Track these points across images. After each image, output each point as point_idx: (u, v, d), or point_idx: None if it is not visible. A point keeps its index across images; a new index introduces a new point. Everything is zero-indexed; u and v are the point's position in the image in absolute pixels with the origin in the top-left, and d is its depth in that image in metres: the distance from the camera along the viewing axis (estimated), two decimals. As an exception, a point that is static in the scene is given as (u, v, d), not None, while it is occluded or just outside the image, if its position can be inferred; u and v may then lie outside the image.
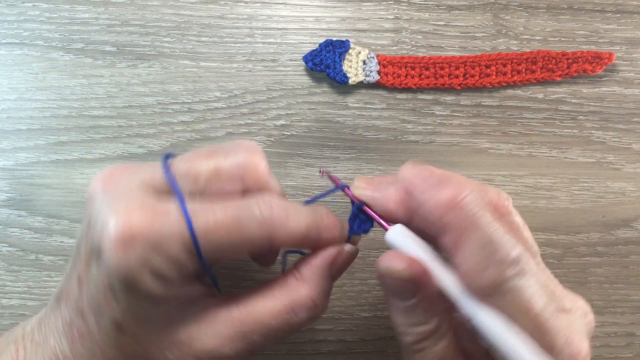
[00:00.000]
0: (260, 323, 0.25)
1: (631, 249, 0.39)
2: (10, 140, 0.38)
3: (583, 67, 0.38)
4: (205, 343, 0.25)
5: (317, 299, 0.26)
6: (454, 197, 0.23)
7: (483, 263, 0.23)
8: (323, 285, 0.27)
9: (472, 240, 0.23)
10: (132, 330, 0.24)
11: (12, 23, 0.38)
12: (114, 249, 0.22)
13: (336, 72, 0.37)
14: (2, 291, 0.37)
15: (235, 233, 0.23)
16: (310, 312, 0.26)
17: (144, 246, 0.22)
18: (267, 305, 0.25)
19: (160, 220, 0.22)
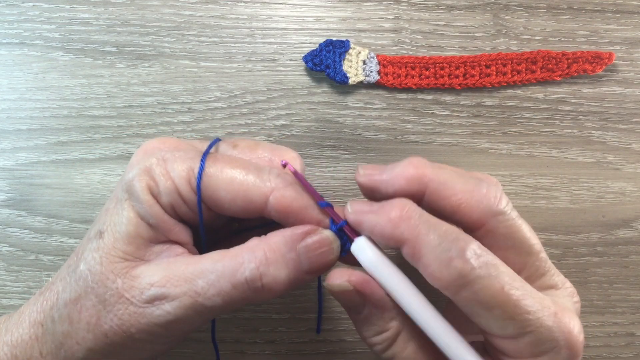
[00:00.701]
0: (205, 272, 0.25)
1: (631, 249, 0.39)
2: (10, 140, 0.38)
3: (583, 67, 0.38)
4: (152, 278, 0.25)
5: (263, 268, 0.25)
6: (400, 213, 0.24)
7: (445, 259, 0.23)
8: (277, 257, 0.25)
9: (428, 242, 0.24)
10: (108, 241, 0.25)
11: (12, 23, 0.38)
12: (134, 159, 0.27)
13: (336, 72, 0.37)
14: (2, 291, 0.37)
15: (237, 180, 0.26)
16: (254, 281, 0.25)
17: (158, 157, 0.26)
18: (216, 259, 0.25)
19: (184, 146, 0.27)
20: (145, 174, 0.25)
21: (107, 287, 0.25)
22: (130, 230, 0.25)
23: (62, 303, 0.26)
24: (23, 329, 0.27)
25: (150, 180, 0.25)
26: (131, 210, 0.25)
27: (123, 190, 0.26)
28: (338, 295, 0.26)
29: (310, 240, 0.26)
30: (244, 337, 0.37)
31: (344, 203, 0.37)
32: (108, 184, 0.37)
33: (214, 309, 0.25)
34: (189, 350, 0.37)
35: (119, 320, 0.25)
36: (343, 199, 0.38)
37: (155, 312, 0.24)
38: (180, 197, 0.26)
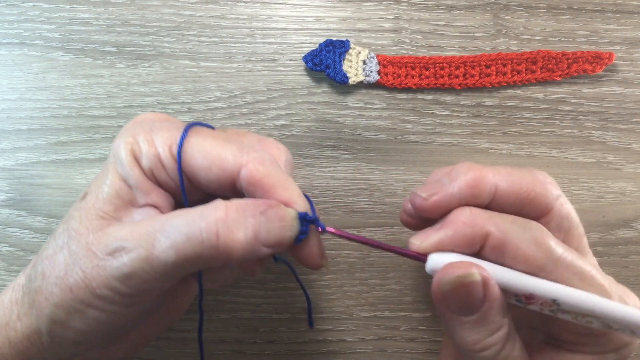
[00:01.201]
0: (164, 226, 0.24)
1: (631, 249, 0.39)
2: (10, 140, 0.38)
3: (583, 67, 0.38)
4: (119, 233, 0.25)
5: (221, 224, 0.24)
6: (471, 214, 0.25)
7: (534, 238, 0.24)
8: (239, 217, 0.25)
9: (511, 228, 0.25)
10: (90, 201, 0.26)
11: (12, 23, 0.38)
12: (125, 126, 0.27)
13: (336, 72, 0.37)
14: (2, 291, 0.37)
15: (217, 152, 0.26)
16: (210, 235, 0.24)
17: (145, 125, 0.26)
18: (177, 214, 0.25)
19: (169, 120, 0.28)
20: (131, 138, 0.26)
21: (79, 241, 0.25)
22: (111, 191, 0.26)
23: (39, 260, 0.26)
24: (5, 294, 0.27)
25: (135, 145, 0.26)
26: (114, 173, 0.26)
27: (110, 155, 0.27)
28: (458, 292, 0.24)
29: (273, 211, 0.25)
30: (244, 337, 0.37)
31: (344, 203, 0.38)
32: (108, 184, 0.37)
33: (168, 265, 0.24)
34: (189, 350, 0.37)
35: (82, 273, 0.24)
36: (343, 199, 0.38)
37: (114, 263, 0.24)
38: (160, 162, 0.26)
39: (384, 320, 0.38)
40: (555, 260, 0.24)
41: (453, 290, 0.24)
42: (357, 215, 0.38)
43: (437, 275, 0.24)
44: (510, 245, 0.24)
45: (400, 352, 0.38)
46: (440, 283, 0.24)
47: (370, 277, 0.38)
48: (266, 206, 0.25)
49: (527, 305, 0.24)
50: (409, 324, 0.38)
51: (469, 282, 0.23)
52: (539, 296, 0.24)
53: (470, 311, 0.24)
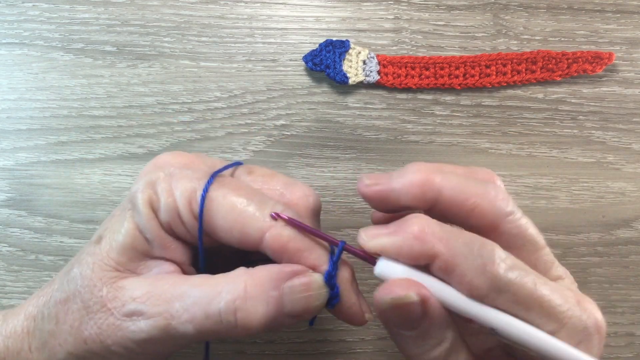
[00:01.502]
0: (183, 295, 0.24)
1: (631, 249, 0.39)
2: (10, 140, 0.38)
3: (583, 67, 0.38)
4: (135, 292, 0.24)
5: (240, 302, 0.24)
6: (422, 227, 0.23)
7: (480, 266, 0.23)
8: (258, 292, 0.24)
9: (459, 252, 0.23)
10: (104, 248, 0.25)
11: (12, 23, 0.38)
12: (144, 170, 0.26)
13: (336, 72, 0.37)
14: (2, 291, 0.37)
15: (238, 213, 0.24)
16: (228, 315, 0.23)
17: (165, 173, 0.25)
18: (196, 283, 0.24)
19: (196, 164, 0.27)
20: (149, 187, 0.25)
21: (93, 293, 0.25)
22: (127, 241, 0.25)
23: (52, 302, 0.26)
24: (18, 321, 0.27)
25: (153, 194, 0.25)
26: (131, 221, 0.25)
27: (128, 200, 0.26)
28: (396, 310, 0.23)
29: (297, 281, 0.24)
30: (244, 337, 0.37)
31: (345, 203, 0.38)
32: (108, 184, 0.37)
33: (186, 336, 0.24)
34: (189, 350, 0.37)
35: (98, 329, 0.24)
36: (343, 199, 0.38)
37: (131, 327, 0.24)
38: (179, 217, 0.25)
39: (384, 320, 0.38)
40: (499, 289, 0.23)
41: (391, 309, 0.23)
42: (357, 215, 0.38)
43: (376, 293, 0.24)
44: (457, 270, 0.23)
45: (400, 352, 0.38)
46: (379, 302, 0.24)
47: (370, 277, 0.38)
48: (291, 274, 0.24)
49: (468, 322, 0.24)
50: (409, 324, 0.38)
51: (405, 303, 0.23)
52: (478, 323, 0.23)
53: (410, 327, 0.24)
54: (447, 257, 0.23)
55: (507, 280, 0.23)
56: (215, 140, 0.38)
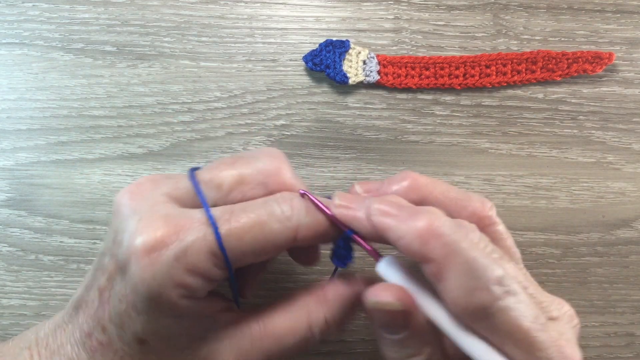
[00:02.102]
0: (279, 339, 0.25)
1: (631, 249, 0.39)
2: (10, 140, 0.38)
3: (583, 67, 0.38)
4: (225, 358, 0.25)
5: (332, 322, 0.26)
6: (430, 226, 0.23)
7: (468, 288, 0.22)
8: (341, 312, 0.26)
9: (455, 267, 0.22)
10: (155, 345, 0.24)
11: (12, 23, 0.38)
12: (140, 264, 0.22)
13: (336, 72, 0.37)
14: (2, 291, 0.37)
15: (260, 233, 0.24)
16: (323, 334, 0.26)
17: (170, 257, 0.22)
18: (286, 323, 0.26)
19: (185, 229, 0.23)
20: (171, 285, 0.23)
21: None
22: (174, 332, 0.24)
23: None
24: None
25: (179, 288, 0.23)
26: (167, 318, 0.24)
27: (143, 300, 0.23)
28: (379, 313, 0.24)
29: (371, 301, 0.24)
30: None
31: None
32: (108, 184, 0.37)
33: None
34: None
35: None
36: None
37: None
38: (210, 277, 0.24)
39: (384, 320, 0.38)
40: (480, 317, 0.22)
41: (376, 310, 0.24)
42: (357, 215, 0.38)
43: (365, 292, 0.24)
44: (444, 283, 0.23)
45: None
46: (365, 300, 0.24)
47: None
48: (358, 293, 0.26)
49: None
50: (409, 324, 0.38)
51: (388, 310, 0.23)
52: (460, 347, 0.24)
53: (391, 332, 0.24)
54: (439, 267, 0.22)
55: (495, 310, 0.22)
56: (215, 140, 0.38)
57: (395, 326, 0.24)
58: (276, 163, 0.26)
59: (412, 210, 0.24)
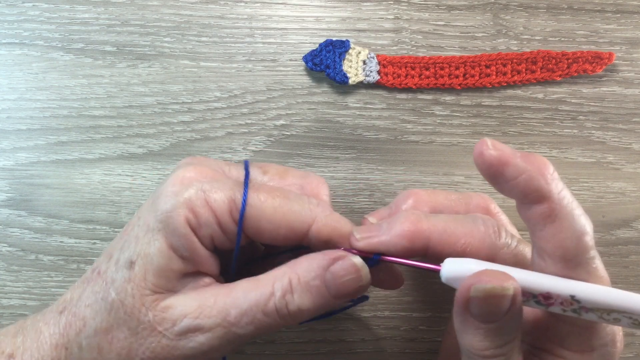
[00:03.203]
0: (237, 302, 0.25)
1: (631, 249, 0.39)
2: (10, 140, 0.38)
3: (583, 67, 0.38)
4: (185, 309, 0.25)
5: (298, 287, 0.25)
6: (548, 168, 0.24)
7: (578, 231, 0.24)
8: (302, 286, 0.26)
9: (567, 209, 0.24)
10: (138, 270, 0.25)
11: (12, 23, 0.38)
12: (171, 186, 0.26)
13: (336, 72, 0.37)
14: (2, 291, 0.37)
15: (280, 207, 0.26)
16: (288, 303, 0.25)
17: (197, 187, 0.25)
18: (247, 288, 0.26)
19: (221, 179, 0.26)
20: (184, 206, 0.25)
21: (140, 320, 0.25)
22: (162, 263, 0.25)
23: (91, 331, 0.25)
24: (44, 350, 0.26)
25: (190, 213, 0.25)
26: (164, 242, 0.25)
27: (157, 221, 0.25)
28: (487, 301, 0.23)
29: (337, 267, 0.26)
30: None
31: (344, 203, 0.38)
32: (108, 184, 0.37)
33: (246, 336, 0.25)
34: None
35: (151, 353, 0.25)
36: (343, 199, 0.38)
37: (189, 344, 0.25)
38: (220, 228, 0.26)
39: (384, 320, 0.38)
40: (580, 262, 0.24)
41: (483, 298, 0.23)
42: (357, 215, 0.38)
43: (468, 280, 0.23)
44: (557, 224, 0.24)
45: (400, 352, 0.38)
46: (472, 288, 0.23)
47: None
48: (331, 261, 0.26)
49: (548, 307, 0.24)
50: (409, 324, 0.38)
51: (502, 294, 0.23)
52: (556, 294, 0.24)
53: (492, 320, 0.24)
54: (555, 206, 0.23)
55: (591, 256, 0.24)
56: (215, 140, 0.38)
57: (500, 312, 0.23)
58: (320, 181, 0.29)
59: (525, 153, 0.25)
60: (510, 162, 0.24)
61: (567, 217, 0.24)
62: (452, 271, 0.25)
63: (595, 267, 0.24)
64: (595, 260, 0.24)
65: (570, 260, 0.24)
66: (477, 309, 0.23)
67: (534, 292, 0.24)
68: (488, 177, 0.25)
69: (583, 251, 0.24)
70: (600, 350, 0.26)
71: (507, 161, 0.24)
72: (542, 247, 0.24)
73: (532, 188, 0.24)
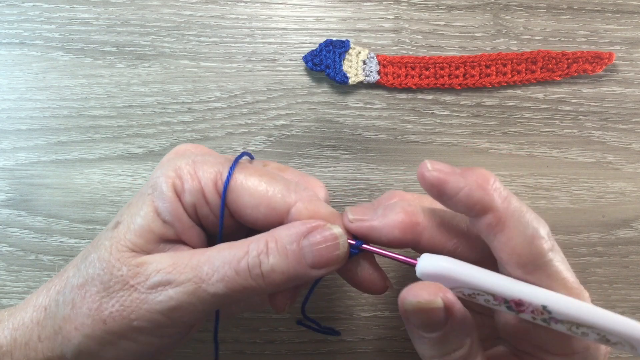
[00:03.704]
0: (210, 259, 0.25)
1: (631, 249, 0.39)
2: (10, 140, 0.38)
3: (583, 67, 0.38)
4: (159, 265, 0.25)
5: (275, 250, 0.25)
6: (489, 178, 0.24)
7: (529, 236, 0.23)
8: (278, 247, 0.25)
9: (514, 216, 0.24)
10: (121, 228, 0.26)
11: (12, 23, 0.38)
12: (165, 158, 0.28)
13: (336, 72, 0.37)
14: (2, 291, 0.37)
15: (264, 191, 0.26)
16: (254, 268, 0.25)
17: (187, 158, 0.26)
18: (222, 247, 0.26)
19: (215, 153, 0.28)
20: (173, 171, 0.26)
21: (113, 274, 0.25)
22: (144, 224, 0.26)
23: (68, 288, 0.26)
24: (26, 312, 0.27)
25: (177, 179, 0.26)
26: (150, 205, 0.26)
27: (148, 186, 0.26)
28: (419, 313, 0.24)
29: (316, 234, 0.25)
30: (244, 337, 0.37)
31: (344, 203, 0.38)
32: (108, 184, 0.37)
33: (217, 296, 0.25)
34: (188, 350, 0.37)
35: (120, 306, 0.25)
36: (343, 199, 0.38)
37: (158, 297, 0.24)
38: (204, 197, 0.26)
39: (384, 320, 0.38)
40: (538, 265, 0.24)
41: (415, 311, 0.24)
42: (357, 215, 0.38)
43: (402, 293, 0.24)
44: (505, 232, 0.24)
45: (400, 352, 0.38)
46: (403, 302, 0.24)
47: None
48: (310, 229, 0.26)
49: (519, 313, 0.24)
50: (409, 324, 0.38)
51: (430, 308, 0.23)
52: (528, 302, 0.24)
53: (431, 330, 0.24)
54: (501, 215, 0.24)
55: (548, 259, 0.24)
56: (215, 140, 0.38)
57: (436, 323, 0.24)
58: (319, 183, 0.29)
59: (465, 168, 0.25)
60: (449, 180, 0.24)
61: (515, 224, 0.24)
62: (427, 267, 0.25)
63: (556, 269, 0.24)
64: (554, 263, 0.24)
65: (526, 265, 0.24)
66: (414, 320, 0.24)
67: (506, 297, 0.24)
68: (433, 196, 0.25)
69: (538, 255, 0.24)
70: (583, 353, 0.25)
71: (445, 179, 0.24)
72: (499, 256, 0.24)
73: (473, 201, 0.24)
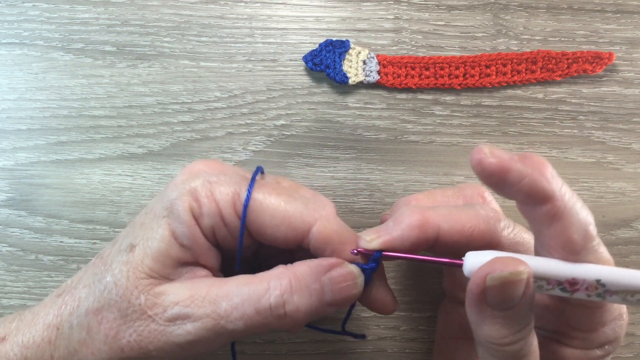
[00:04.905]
0: (229, 295, 0.25)
1: (631, 249, 0.39)
2: (10, 140, 0.38)
3: (583, 67, 0.38)
4: (177, 296, 0.25)
5: (297, 288, 0.25)
6: (547, 168, 0.24)
7: (584, 224, 0.24)
8: (302, 286, 0.25)
9: (571, 205, 0.24)
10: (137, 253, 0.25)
11: (12, 23, 0.38)
12: (179, 178, 0.27)
13: (336, 72, 0.37)
14: (2, 291, 0.37)
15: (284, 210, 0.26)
16: (277, 308, 0.25)
17: (203, 178, 0.26)
18: (241, 282, 0.25)
19: (229, 171, 0.27)
20: (189, 194, 0.26)
21: (131, 302, 0.25)
22: (162, 248, 0.25)
23: (83, 311, 0.25)
24: (36, 330, 0.26)
25: (194, 202, 0.26)
26: (167, 228, 0.25)
27: (163, 208, 0.26)
28: (503, 287, 0.23)
29: (335, 273, 0.26)
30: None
31: (344, 203, 0.38)
32: (108, 184, 0.37)
33: (235, 333, 0.25)
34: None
35: (138, 336, 0.25)
36: (343, 199, 0.38)
37: (176, 331, 0.25)
38: (222, 220, 0.26)
39: (384, 320, 0.38)
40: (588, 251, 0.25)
41: (499, 286, 0.23)
42: (357, 215, 0.38)
43: (483, 269, 0.24)
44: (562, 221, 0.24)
45: (400, 352, 0.38)
46: (488, 278, 0.23)
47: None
48: (329, 267, 0.26)
49: (573, 293, 0.25)
50: (409, 324, 0.38)
51: (517, 280, 0.23)
52: (582, 279, 0.24)
53: (508, 306, 0.24)
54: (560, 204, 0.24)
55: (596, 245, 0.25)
56: (215, 140, 0.38)
57: (515, 297, 0.24)
58: (329, 203, 0.28)
59: (521, 155, 0.25)
60: (512, 168, 0.24)
61: (571, 213, 0.24)
62: (476, 264, 0.25)
63: (602, 251, 0.25)
64: (601, 247, 0.25)
65: (579, 251, 0.24)
66: (493, 298, 0.24)
67: (559, 279, 0.24)
68: (489, 184, 0.25)
69: (590, 241, 0.24)
70: (611, 324, 0.26)
71: (508, 168, 0.24)
72: (549, 244, 0.25)
73: (535, 190, 0.24)
